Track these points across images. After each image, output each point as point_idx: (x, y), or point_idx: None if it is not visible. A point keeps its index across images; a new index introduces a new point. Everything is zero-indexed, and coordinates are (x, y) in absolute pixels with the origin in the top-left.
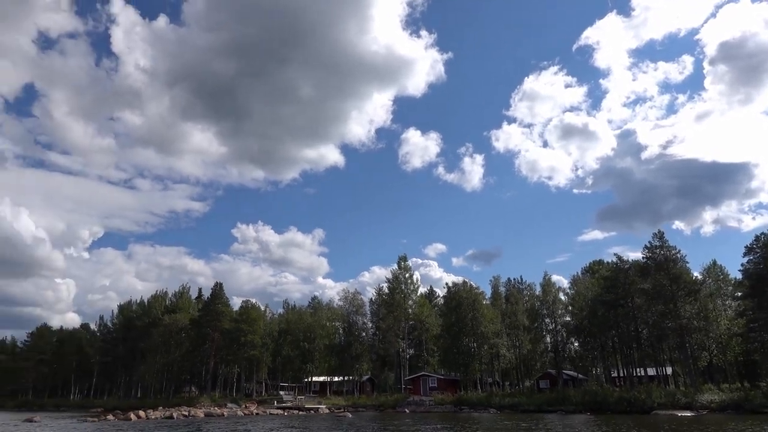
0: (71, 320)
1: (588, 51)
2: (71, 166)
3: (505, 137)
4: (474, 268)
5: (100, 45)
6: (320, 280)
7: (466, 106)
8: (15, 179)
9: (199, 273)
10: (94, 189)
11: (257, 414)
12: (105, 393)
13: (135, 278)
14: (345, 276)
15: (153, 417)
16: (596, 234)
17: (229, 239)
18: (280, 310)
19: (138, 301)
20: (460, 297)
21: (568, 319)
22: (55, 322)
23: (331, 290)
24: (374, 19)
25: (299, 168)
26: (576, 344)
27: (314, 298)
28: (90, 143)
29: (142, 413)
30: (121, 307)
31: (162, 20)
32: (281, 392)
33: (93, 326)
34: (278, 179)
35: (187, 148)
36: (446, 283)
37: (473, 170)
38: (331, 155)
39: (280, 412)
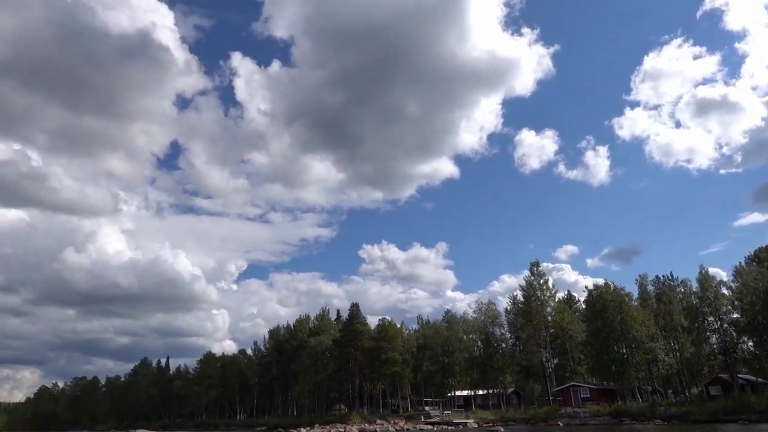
0: (229, 347)
1: (716, 15)
2: (214, 208)
3: (630, 123)
4: (612, 268)
5: (227, 97)
6: (449, 293)
7: (580, 97)
8: (172, 226)
9: (333, 295)
10: (235, 226)
11: (408, 429)
12: (265, 412)
13: (277, 305)
14: (474, 287)
15: None
16: (755, 217)
17: (357, 260)
18: (415, 326)
19: (285, 326)
20: (603, 300)
21: (736, 315)
22: (216, 350)
23: (461, 302)
24: (472, 25)
25: (415, 184)
26: (750, 344)
27: (447, 311)
28: (227, 185)
29: (304, 430)
30: (271, 333)
31: (275, 65)
32: (426, 407)
33: (249, 351)
34: (396, 197)
35: (310, 178)
36: (585, 287)
37: (598, 164)
38: (445, 168)
39: (429, 427)
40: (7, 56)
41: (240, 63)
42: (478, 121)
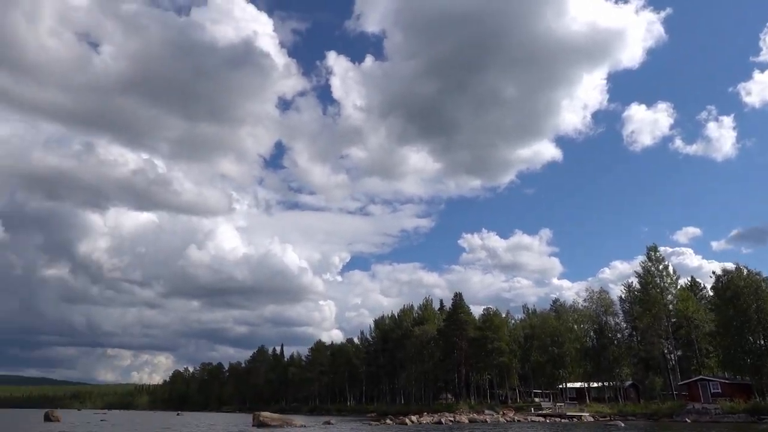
0: (336, 336)
1: None
2: (317, 203)
3: (760, 89)
4: (743, 251)
5: (324, 95)
6: (555, 281)
7: (698, 64)
8: (279, 221)
9: (434, 285)
10: (337, 220)
11: (519, 420)
12: (373, 399)
13: (380, 295)
14: (582, 275)
15: (424, 422)
16: None
17: (457, 250)
18: (520, 316)
19: (389, 316)
20: (735, 286)
21: None
22: (324, 338)
23: (569, 291)
24: None
25: (515, 170)
26: None
27: (555, 300)
28: (328, 181)
29: (414, 418)
30: (376, 322)
31: (369, 60)
32: (536, 399)
33: (356, 340)
34: (495, 184)
35: (407, 170)
36: (713, 272)
37: (722, 135)
38: (546, 151)
39: (541, 419)
40: (132, 76)
41: (335, 61)
42: (581, 99)
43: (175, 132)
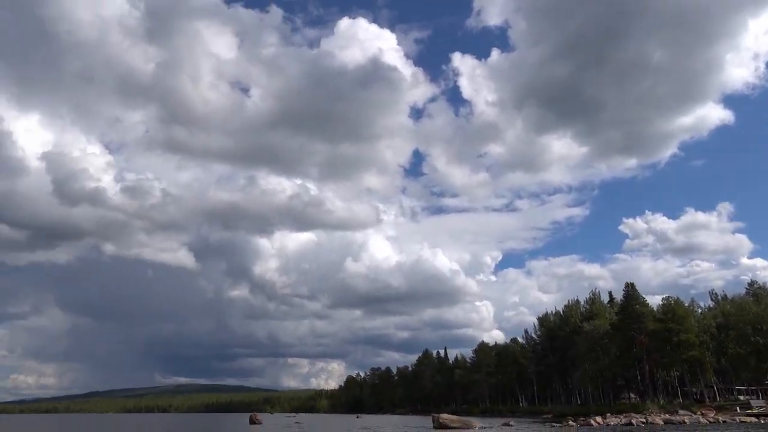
0: (497, 336)
1: None
2: (461, 204)
3: None
4: None
5: (454, 98)
6: (744, 261)
7: None
8: (426, 227)
9: (597, 277)
10: (483, 219)
11: (724, 421)
12: (547, 400)
13: (538, 292)
14: None
15: (611, 423)
16: None
17: (618, 237)
18: (707, 303)
19: (554, 312)
20: None
21: None
22: (485, 339)
23: (765, 271)
24: None
25: (675, 142)
26: None
27: (752, 282)
28: (469, 181)
29: (599, 419)
30: (540, 320)
31: (494, 54)
32: (740, 396)
33: (520, 339)
34: (654, 161)
35: (551, 158)
36: None
37: None
38: (712, 114)
39: (752, 419)
40: (279, 111)
41: (460, 62)
42: (749, 48)
43: (321, 156)
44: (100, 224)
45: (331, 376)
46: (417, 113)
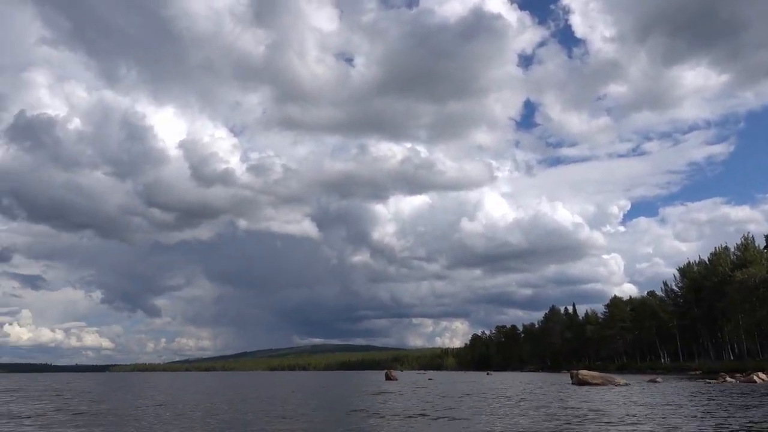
0: (629, 290)
1: None
2: (581, 153)
3: None
4: None
5: (566, 38)
6: None
7: None
8: (543, 180)
9: (746, 220)
10: (607, 167)
11: None
12: (693, 355)
13: (675, 240)
14: None
15: None
16: None
17: None
18: None
19: (697, 262)
20: None
21: None
22: (615, 293)
23: None
24: None
25: None
26: None
27: None
28: (588, 128)
29: (762, 375)
30: (682, 270)
31: None
32: None
33: (659, 292)
34: None
35: (683, 92)
36: None
37: None
38: None
39: None
40: (383, 77)
41: None
42: None
43: (429, 117)
44: (232, 202)
45: (455, 334)
46: (526, 61)
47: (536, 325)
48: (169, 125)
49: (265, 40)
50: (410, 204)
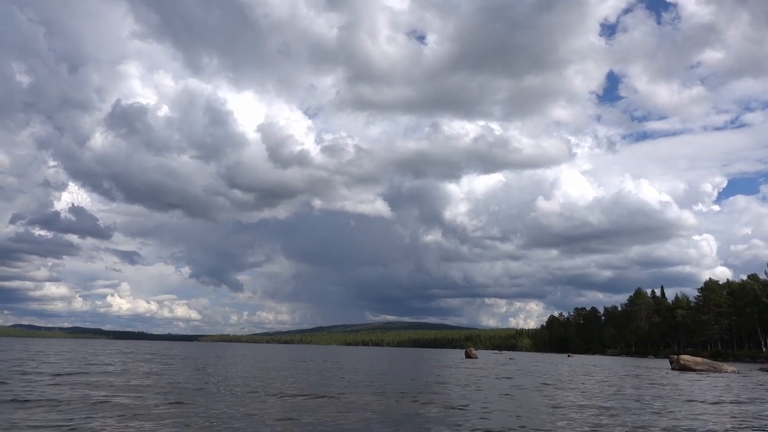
0: (722, 273)
1: None
2: (671, 127)
3: None
4: None
5: (654, 3)
6: None
7: None
8: (628, 157)
9: None
10: (701, 141)
11: None
12: None
13: None
14: None
15: None
16: None
17: None
18: None
19: None
20: None
21: None
22: (706, 276)
23: None
24: None
25: None
26: None
27: None
28: (679, 99)
29: None
30: None
31: None
32: None
33: (763, 276)
34: None
35: None
36: None
37: None
38: None
39: None
40: (457, 54)
41: None
42: None
43: (503, 93)
44: (308, 182)
45: (529, 315)
46: (609, 30)
47: (619, 308)
48: (248, 110)
49: (338, 22)
50: (484, 183)
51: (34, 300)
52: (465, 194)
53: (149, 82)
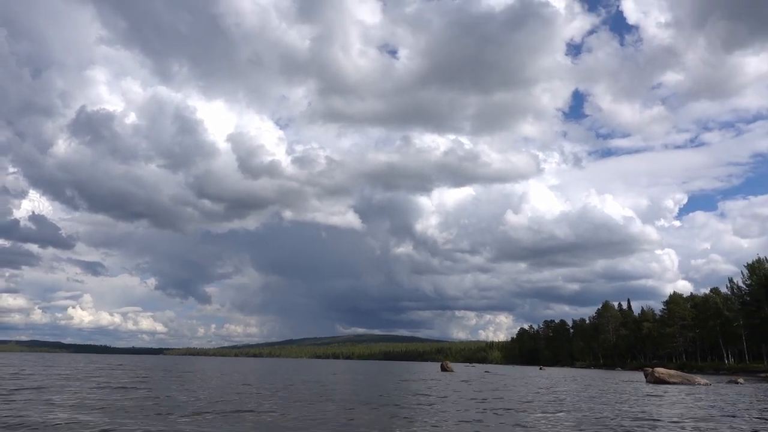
0: (684, 287)
1: None
2: (634, 145)
3: None
4: None
5: (617, 25)
6: None
7: None
8: (592, 172)
9: None
10: (662, 159)
11: None
12: (762, 356)
13: (735, 236)
14: None
15: None
16: None
17: None
18: None
19: None
20: None
21: None
22: (667, 291)
23: None
24: None
25: None
26: None
27: None
28: (640, 118)
29: None
30: (751, 267)
31: None
32: None
33: (724, 289)
34: None
35: (745, 80)
36: None
37: None
38: None
39: None
40: (428, 68)
41: None
42: None
43: (473, 108)
44: (279, 193)
45: (499, 328)
46: (575, 50)
47: (587, 321)
48: (218, 119)
49: (310, 34)
50: (454, 196)
51: None
52: (436, 207)
53: (116, 88)
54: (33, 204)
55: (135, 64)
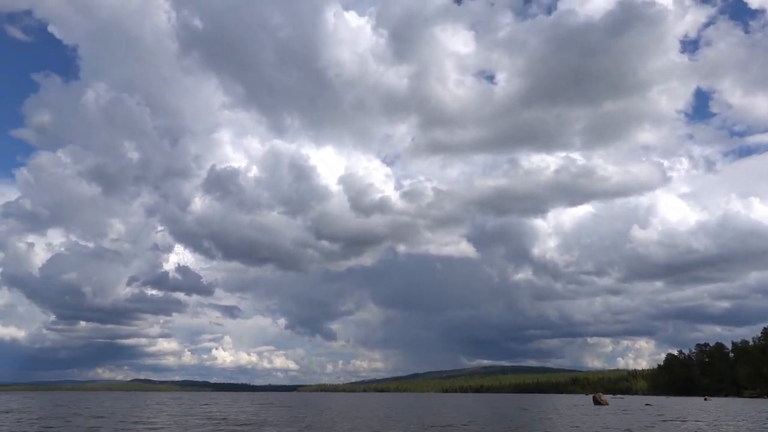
0: None
1: None
2: None
3: None
4: None
5: (738, 12)
6: None
7: None
8: (730, 175)
9: None
10: None
11: None
12: None
13: None
14: None
15: None
16: None
17: None
18: None
19: None
20: None
21: None
22: None
23: None
24: None
25: None
26: None
27: None
28: None
29: None
30: None
31: None
32: None
33: None
34: None
35: None
36: None
37: None
38: None
39: None
40: (528, 88)
41: None
42: None
43: (582, 122)
44: (391, 228)
45: (639, 354)
46: (691, 45)
47: (751, 343)
48: (329, 163)
49: (407, 73)
50: (572, 215)
51: (149, 356)
52: (553, 228)
53: (239, 146)
54: (178, 257)
55: (253, 122)
